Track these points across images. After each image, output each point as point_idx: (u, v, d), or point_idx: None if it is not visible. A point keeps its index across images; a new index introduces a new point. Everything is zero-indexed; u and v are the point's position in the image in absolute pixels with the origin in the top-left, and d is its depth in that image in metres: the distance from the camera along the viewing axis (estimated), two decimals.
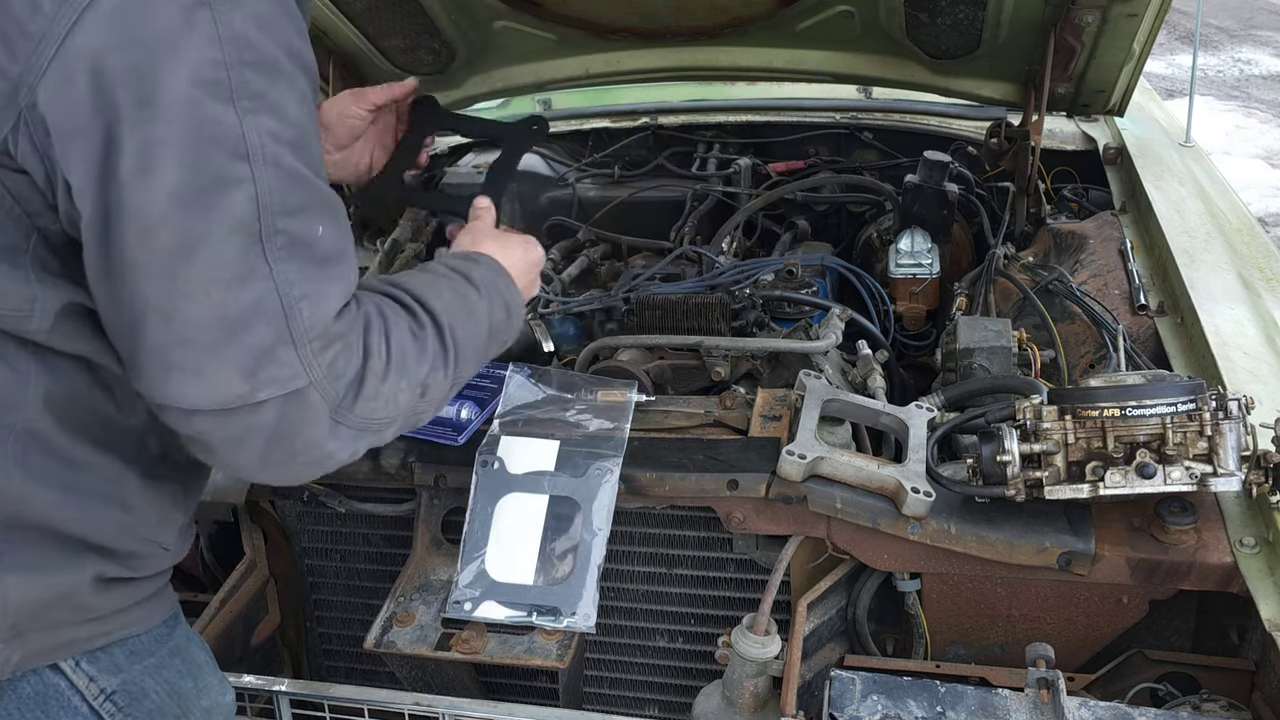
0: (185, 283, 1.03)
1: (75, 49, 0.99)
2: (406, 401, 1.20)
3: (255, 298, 1.05)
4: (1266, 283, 2.11)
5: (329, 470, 1.19)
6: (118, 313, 1.07)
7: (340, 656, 1.99)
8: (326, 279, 1.10)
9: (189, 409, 1.07)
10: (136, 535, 1.24)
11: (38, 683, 1.19)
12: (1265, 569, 1.41)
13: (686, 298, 2.11)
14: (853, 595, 1.70)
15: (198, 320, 1.03)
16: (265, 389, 1.06)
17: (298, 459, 1.14)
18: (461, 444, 1.73)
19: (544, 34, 2.58)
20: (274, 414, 1.08)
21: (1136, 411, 1.42)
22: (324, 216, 1.11)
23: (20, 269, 1.08)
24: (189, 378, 1.05)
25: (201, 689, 1.33)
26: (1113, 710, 1.29)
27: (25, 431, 1.13)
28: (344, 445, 1.17)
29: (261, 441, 1.10)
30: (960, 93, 2.64)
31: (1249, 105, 8.66)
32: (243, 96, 1.03)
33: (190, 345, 1.04)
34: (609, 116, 3.22)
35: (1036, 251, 2.42)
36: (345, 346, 1.12)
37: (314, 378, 1.09)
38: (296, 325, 1.07)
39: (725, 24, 2.52)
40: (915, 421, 1.68)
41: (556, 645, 1.60)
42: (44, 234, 1.09)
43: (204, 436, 1.10)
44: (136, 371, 1.09)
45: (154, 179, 1.00)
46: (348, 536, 1.89)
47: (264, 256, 1.05)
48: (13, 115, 1.01)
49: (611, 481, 1.64)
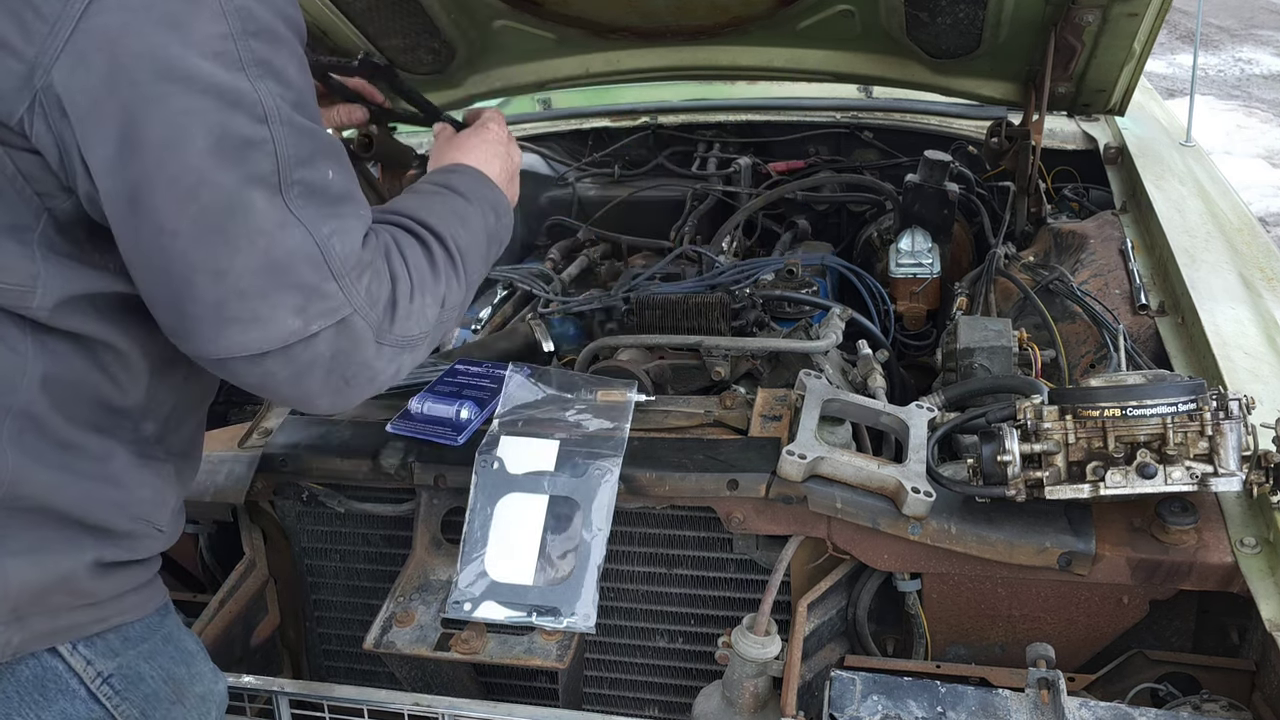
0: (233, 238, 1.09)
1: (90, 30, 1.03)
2: (433, 314, 1.29)
3: (293, 242, 1.12)
4: (1267, 282, 2.11)
5: (380, 391, 1.28)
6: (159, 283, 1.12)
7: (340, 656, 1.99)
8: (345, 215, 1.18)
9: (254, 354, 1.14)
10: (131, 514, 1.27)
11: (36, 666, 1.20)
12: (1266, 569, 1.41)
13: (686, 297, 2.11)
14: (853, 595, 1.69)
15: (250, 269, 1.10)
16: (316, 322, 1.15)
17: (352, 383, 1.23)
18: (461, 444, 1.73)
19: (544, 33, 2.58)
20: (327, 344, 1.17)
21: (1137, 411, 1.41)
22: (330, 161, 1.18)
23: (27, 246, 1.12)
24: (248, 326, 1.12)
25: (195, 675, 1.36)
26: (1113, 710, 1.29)
27: (22, 413, 1.15)
28: (388, 364, 1.25)
29: (320, 372, 1.18)
30: (961, 92, 2.64)
31: (1250, 105, 8.66)
32: (250, 64, 1.09)
33: (245, 295, 1.10)
34: (609, 116, 3.22)
35: (1037, 251, 2.42)
36: (375, 273, 1.20)
37: (355, 305, 1.17)
38: (333, 260, 1.15)
39: (725, 23, 2.51)
40: (915, 421, 1.68)
41: (556, 645, 1.60)
42: (53, 214, 1.13)
43: (269, 378, 1.17)
44: (187, 335, 1.14)
45: (185, 148, 1.06)
46: (347, 536, 1.89)
47: (287, 206, 1.12)
48: (28, 96, 1.05)
49: (611, 481, 1.64)
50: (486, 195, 1.47)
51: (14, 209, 1.11)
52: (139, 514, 1.28)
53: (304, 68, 1.17)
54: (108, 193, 1.08)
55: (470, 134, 1.60)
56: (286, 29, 1.14)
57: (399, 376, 1.29)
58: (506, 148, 1.61)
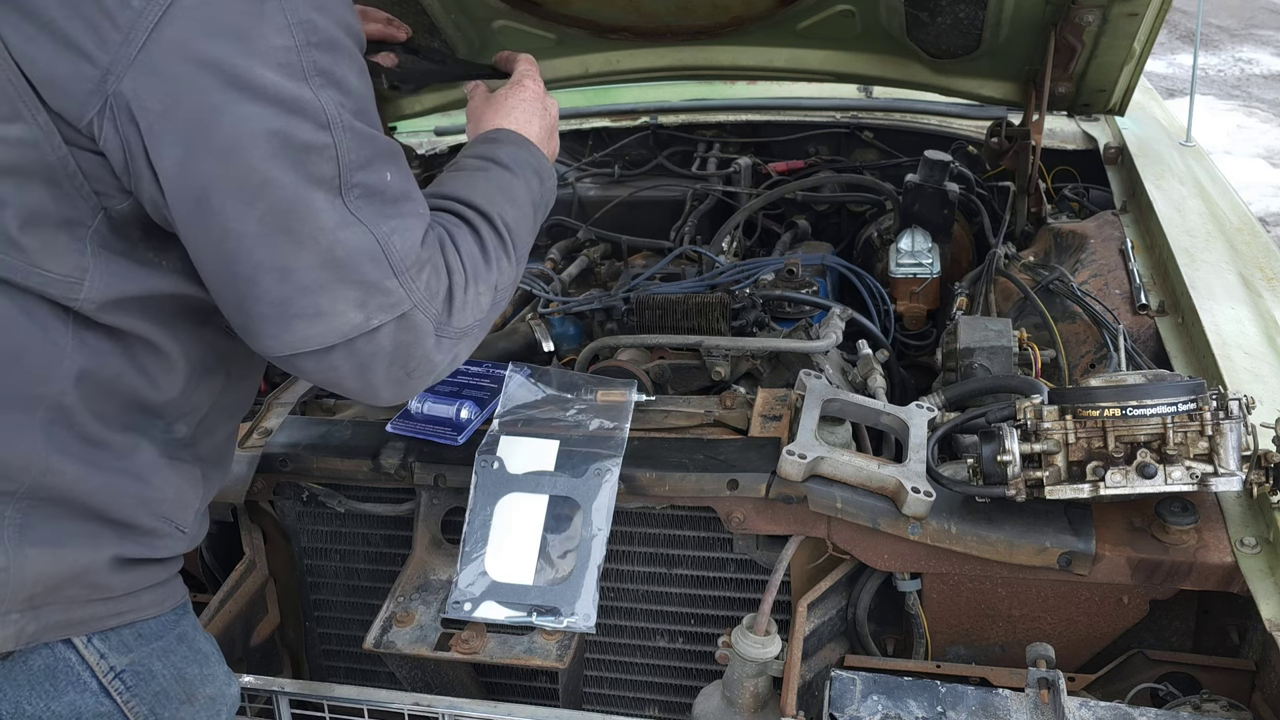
0: (296, 237, 1.13)
1: (161, 40, 1.07)
2: (487, 301, 1.33)
3: (354, 240, 1.16)
4: (1267, 282, 2.11)
5: (437, 377, 1.32)
6: (227, 283, 1.17)
7: (340, 656, 1.99)
8: (405, 214, 1.22)
9: (319, 349, 1.18)
10: (154, 512, 1.29)
11: (49, 656, 1.22)
12: (1266, 569, 1.41)
13: (686, 297, 2.11)
14: (853, 595, 1.69)
15: (313, 266, 1.14)
16: (377, 316, 1.19)
17: (413, 374, 1.27)
18: (461, 444, 1.73)
19: (544, 33, 2.58)
20: (388, 338, 1.21)
21: (1137, 411, 1.41)
22: (389, 163, 1.22)
23: (79, 241, 1.16)
24: (313, 321, 1.16)
25: (207, 676, 1.37)
26: (1113, 710, 1.29)
27: (54, 405, 1.18)
28: (446, 354, 1.29)
29: (383, 365, 1.23)
30: (961, 92, 2.64)
31: (1250, 105, 8.66)
32: (313, 74, 1.14)
33: (309, 291, 1.15)
34: (609, 116, 3.22)
35: (1037, 251, 2.42)
36: (434, 268, 1.24)
37: (415, 300, 1.21)
38: (393, 257, 1.19)
39: (725, 23, 2.51)
40: (916, 421, 1.67)
41: (556, 645, 1.60)
42: (110, 214, 1.17)
43: (334, 371, 1.22)
44: (255, 333, 1.19)
45: (250, 152, 1.10)
46: (347, 536, 1.89)
47: (347, 207, 1.16)
48: (99, 101, 1.09)
49: (611, 481, 1.64)
50: (529, 161, 1.48)
51: (71, 204, 1.15)
52: (162, 512, 1.30)
53: (364, 75, 1.22)
54: (175, 197, 1.12)
55: (507, 94, 1.58)
56: (347, 38, 1.19)
57: (456, 364, 1.34)
58: (543, 103, 1.59)
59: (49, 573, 1.18)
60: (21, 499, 1.16)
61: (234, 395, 1.42)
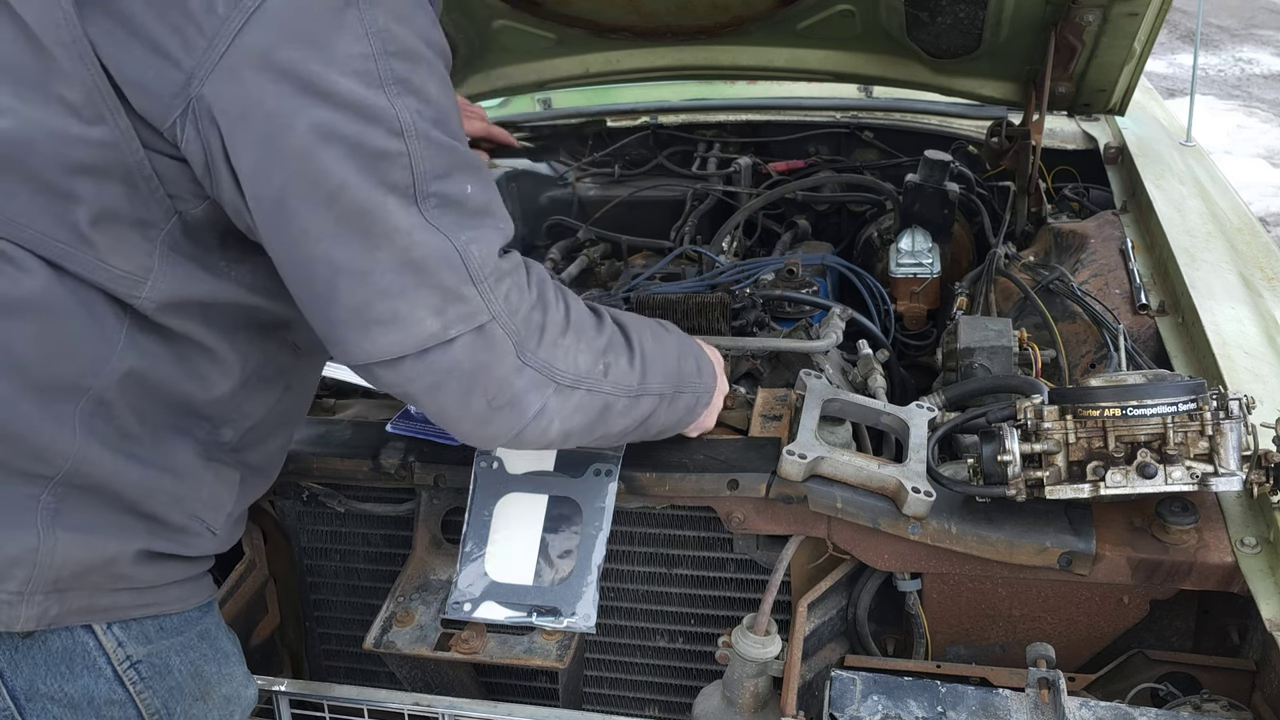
0: (372, 238, 1.15)
1: (244, 47, 1.10)
2: (586, 365, 1.32)
3: (430, 245, 1.17)
4: (1267, 282, 2.10)
5: (525, 424, 1.28)
6: (307, 288, 1.19)
7: (340, 656, 1.99)
8: (484, 226, 1.22)
9: (393, 358, 1.18)
10: (185, 509, 1.30)
11: (68, 639, 1.24)
12: (1266, 569, 1.41)
13: (686, 297, 2.10)
14: (853, 595, 1.69)
15: (390, 268, 1.16)
16: (454, 326, 1.19)
17: (494, 405, 1.24)
18: (461, 444, 1.72)
19: (544, 33, 2.58)
20: (465, 351, 1.20)
21: (1137, 411, 1.41)
22: (470, 176, 1.22)
23: (150, 242, 1.19)
24: (388, 328, 1.17)
25: (225, 676, 1.38)
26: (1113, 710, 1.29)
27: (97, 398, 1.20)
28: (534, 394, 1.27)
29: (459, 386, 1.21)
30: (961, 92, 2.64)
31: (1250, 105, 8.66)
32: (389, 82, 1.14)
33: (386, 294, 1.16)
34: (609, 115, 3.22)
35: (1037, 251, 2.42)
36: (515, 283, 1.24)
37: (494, 311, 1.21)
38: (471, 264, 1.19)
39: (725, 23, 2.52)
40: (916, 421, 1.67)
41: (556, 645, 1.60)
42: (184, 217, 1.20)
43: (409, 385, 1.22)
44: (336, 341, 1.21)
45: (325, 155, 1.12)
46: (347, 536, 1.89)
47: (423, 216, 1.17)
48: (182, 104, 1.12)
49: (611, 481, 1.64)
50: (693, 348, 1.54)
51: (144, 205, 1.18)
52: (194, 511, 1.31)
53: (445, 86, 1.22)
54: (255, 199, 1.15)
55: None
56: (428, 50, 1.20)
57: (547, 424, 1.30)
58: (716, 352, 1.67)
59: (77, 559, 1.20)
60: (57, 485, 1.19)
61: (290, 407, 1.44)
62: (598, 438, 1.42)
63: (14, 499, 1.18)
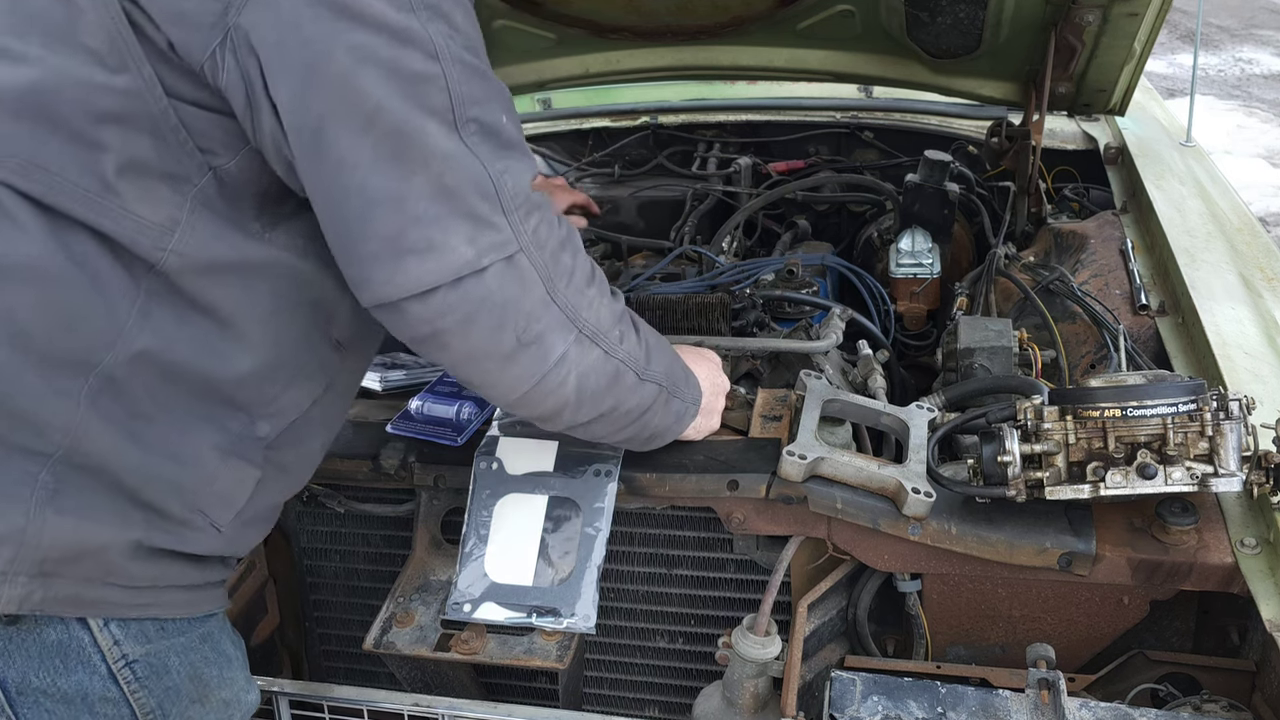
0: (408, 163, 1.15)
1: None
2: (607, 322, 1.34)
3: (466, 170, 1.18)
4: (1267, 282, 2.10)
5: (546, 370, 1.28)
6: (341, 221, 1.18)
7: (340, 657, 1.99)
8: (516, 158, 1.23)
9: (426, 290, 1.17)
10: (188, 501, 1.26)
11: (63, 632, 1.20)
12: (1266, 569, 1.41)
13: (686, 298, 2.10)
14: (853, 596, 1.69)
15: (425, 195, 1.16)
16: (487, 255, 1.19)
17: (521, 339, 1.24)
18: (461, 444, 1.72)
19: (544, 33, 2.58)
20: (496, 280, 1.20)
21: (1137, 412, 1.41)
22: (504, 107, 1.24)
23: (180, 195, 1.18)
24: (423, 256, 1.16)
25: (225, 680, 1.35)
26: (1113, 711, 1.29)
27: (107, 375, 1.18)
28: (557, 329, 1.27)
29: (489, 315, 1.21)
30: (961, 92, 2.64)
31: (1250, 105, 8.65)
32: (419, 7, 1.16)
33: (421, 222, 1.16)
34: (609, 116, 3.22)
35: (1037, 251, 2.42)
36: (544, 217, 1.25)
37: (523, 243, 1.21)
38: (504, 194, 1.20)
39: (725, 23, 2.52)
40: (916, 422, 1.67)
41: (556, 646, 1.60)
42: (218, 174, 1.20)
43: (441, 318, 1.20)
44: (367, 280, 1.19)
45: (362, 79, 1.12)
46: (347, 537, 1.89)
47: (462, 141, 1.18)
48: (220, 33, 1.13)
49: (611, 482, 1.64)
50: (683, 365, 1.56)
51: (174, 158, 1.17)
52: (197, 504, 1.27)
53: (471, 19, 1.23)
54: (294, 129, 1.14)
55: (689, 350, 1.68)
56: None
57: (565, 374, 1.30)
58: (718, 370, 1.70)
59: (65, 542, 1.16)
60: (57, 463, 1.16)
61: (331, 409, 1.42)
62: (603, 416, 1.41)
63: (11, 475, 1.14)
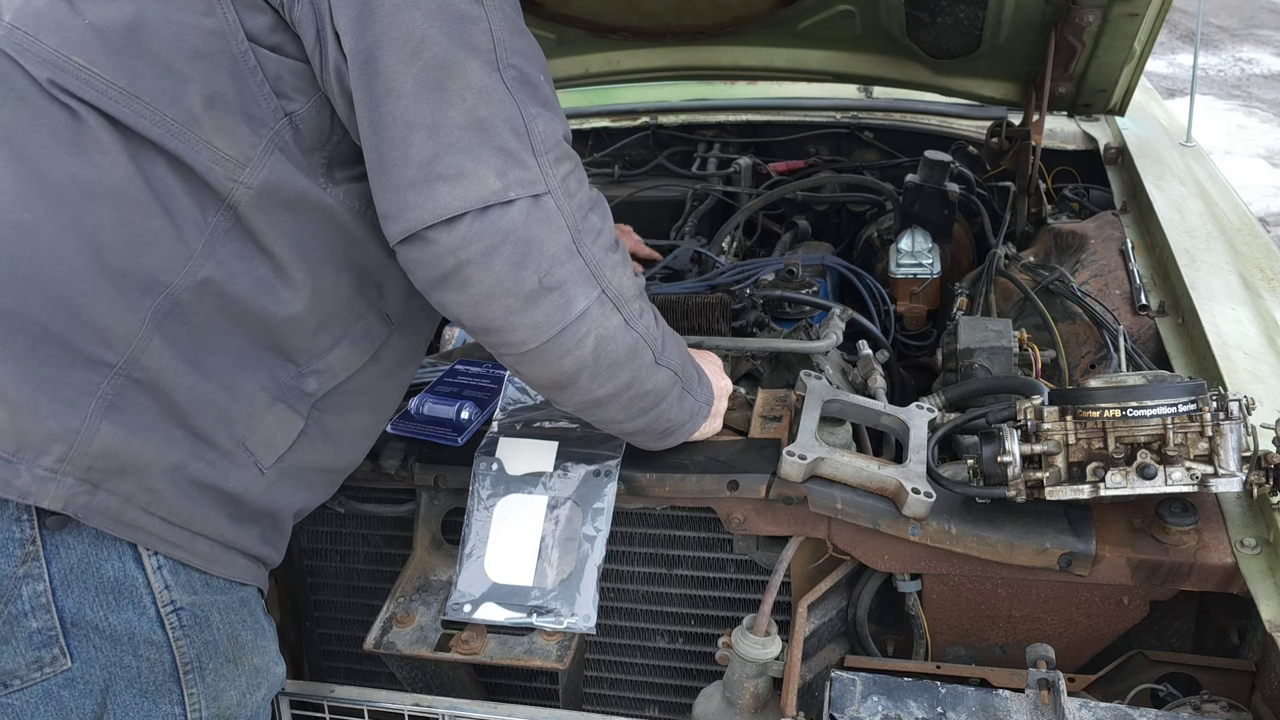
0: (447, 93, 1.20)
1: None
2: (630, 291, 1.36)
3: (500, 106, 1.22)
4: (1268, 283, 2.11)
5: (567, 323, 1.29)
6: (382, 151, 1.22)
7: (340, 657, 1.99)
8: (550, 112, 1.28)
9: (454, 216, 1.21)
10: (235, 435, 1.31)
11: (120, 569, 1.25)
12: (1266, 570, 1.41)
13: (686, 297, 2.10)
14: (853, 596, 1.69)
15: (459, 125, 1.20)
16: (514, 189, 1.22)
17: (544, 282, 1.25)
18: (461, 444, 1.73)
19: (544, 33, 2.58)
20: (521, 216, 1.22)
21: (1137, 412, 1.41)
22: (541, 69, 1.30)
23: (256, 135, 1.25)
24: (453, 182, 1.20)
25: (259, 647, 1.39)
26: (1113, 711, 1.29)
27: (174, 299, 1.25)
28: (580, 280, 1.29)
29: (512, 249, 1.22)
30: (961, 92, 2.64)
31: (1250, 105, 8.65)
32: None
33: (453, 149, 1.20)
34: (609, 116, 3.22)
35: (1037, 251, 2.42)
36: (575, 169, 1.29)
37: (550, 186, 1.25)
38: (535, 136, 1.24)
39: (726, 23, 2.52)
40: (916, 422, 1.67)
41: (556, 646, 1.60)
42: (292, 119, 1.27)
43: (465, 247, 1.22)
44: (398, 208, 1.22)
45: (412, 12, 1.19)
46: (347, 537, 1.89)
47: (502, 80, 1.23)
48: None
49: (611, 482, 1.64)
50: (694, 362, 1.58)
51: (252, 100, 1.25)
52: (242, 438, 1.32)
53: None
54: (352, 56, 1.21)
55: None
56: None
57: (584, 333, 1.31)
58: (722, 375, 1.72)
59: (113, 452, 1.21)
60: (118, 375, 1.22)
61: (376, 384, 1.45)
62: (619, 395, 1.41)
63: (75, 381, 1.20)
